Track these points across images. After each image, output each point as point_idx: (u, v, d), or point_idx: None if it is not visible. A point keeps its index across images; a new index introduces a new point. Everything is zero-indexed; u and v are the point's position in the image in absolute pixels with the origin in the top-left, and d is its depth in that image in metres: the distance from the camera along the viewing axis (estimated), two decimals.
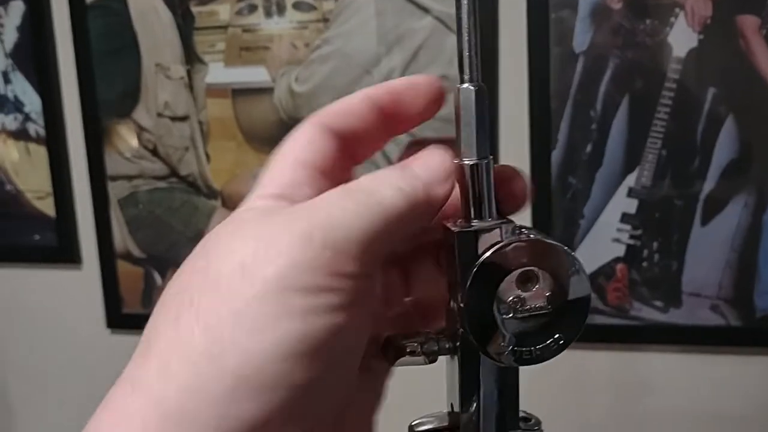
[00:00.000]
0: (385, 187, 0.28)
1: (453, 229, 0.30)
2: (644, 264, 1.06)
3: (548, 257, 0.30)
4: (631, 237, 1.06)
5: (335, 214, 0.26)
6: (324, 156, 0.30)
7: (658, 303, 1.06)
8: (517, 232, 0.31)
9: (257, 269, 0.25)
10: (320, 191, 0.28)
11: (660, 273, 1.06)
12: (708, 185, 1.03)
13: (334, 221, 0.26)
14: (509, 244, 0.30)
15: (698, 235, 1.04)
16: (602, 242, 1.07)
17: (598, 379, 1.12)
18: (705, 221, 1.04)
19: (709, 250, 1.04)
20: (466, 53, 0.30)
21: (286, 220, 0.26)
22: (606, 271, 1.07)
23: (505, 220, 0.31)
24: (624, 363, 1.11)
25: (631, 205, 1.05)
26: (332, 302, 0.25)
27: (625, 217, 1.06)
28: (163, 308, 0.26)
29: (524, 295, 0.30)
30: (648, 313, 1.07)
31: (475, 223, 0.30)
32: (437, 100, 0.32)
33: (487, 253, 0.29)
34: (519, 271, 0.30)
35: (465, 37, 0.30)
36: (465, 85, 0.30)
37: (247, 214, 0.28)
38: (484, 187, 0.30)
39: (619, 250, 1.06)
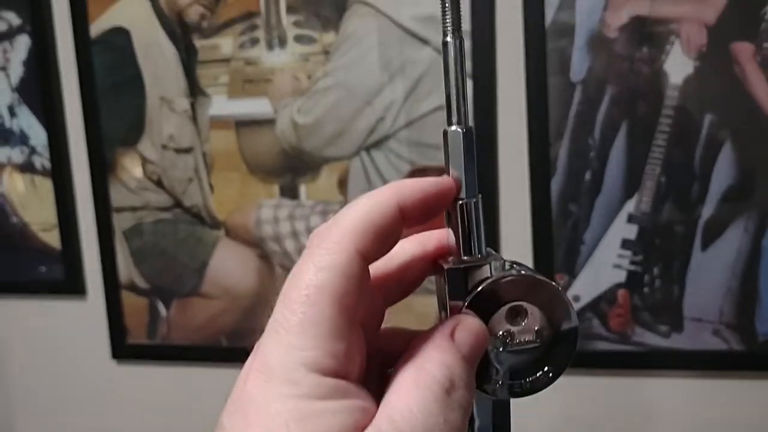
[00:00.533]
0: (464, 410, 0.28)
1: (443, 265, 0.31)
2: (646, 290, 1.06)
3: (536, 292, 0.31)
4: (632, 263, 1.06)
5: None
6: (366, 300, 0.29)
7: (661, 328, 1.07)
8: (506, 267, 0.32)
9: None
10: (360, 354, 0.28)
11: (662, 298, 1.06)
12: (707, 210, 1.03)
13: None
14: (498, 279, 0.30)
15: (699, 260, 1.04)
16: (603, 268, 1.07)
17: (600, 405, 1.12)
18: (705, 246, 1.04)
19: (709, 275, 1.04)
20: (453, 97, 0.31)
21: None
22: (608, 297, 1.07)
23: (494, 256, 0.31)
24: (627, 389, 1.10)
25: (631, 231, 1.06)
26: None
27: (625, 243, 1.06)
28: None
29: (514, 329, 0.31)
30: (650, 339, 1.07)
31: (465, 260, 0.31)
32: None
33: (477, 289, 0.30)
34: (508, 306, 0.31)
35: (452, 82, 0.31)
36: (453, 128, 0.31)
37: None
38: (473, 224, 0.31)
39: (621, 276, 1.07)
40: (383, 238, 0.29)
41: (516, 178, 1.08)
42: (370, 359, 0.30)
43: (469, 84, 1.06)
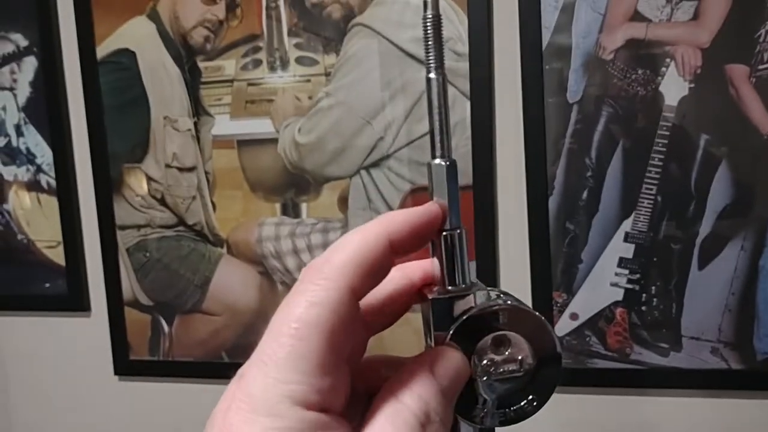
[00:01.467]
0: None
1: (428, 296, 0.32)
2: (644, 308, 1.07)
3: (520, 321, 0.32)
4: (630, 281, 1.07)
5: None
6: (355, 337, 0.30)
7: (659, 346, 1.07)
8: (491, 297, 0.32)
9: None
10: (345, 388, 0.28)
11: (660, 317, 1.07)
12: (704, 229, 1.04)
13: None
14: (482, 309, 0.31)
15: (696, 278, 1.05)
16: (601, 286, 1.08)
17: (599, 424, 1.12)
18: (702, 265, 1.05)
19: (707, 293, 1.05)
20: (437, 131, 0.32)
21: None
22: (606, 315, 1.08)
23: (478, 286, 0.32)
24: (625, 407, 1.11)
25: (629, 250, 1.07)
26: None
27: (622, 262, 1.07)
28: None
29: (498, 358, 0.31)
30: (649, 357, 1.08)
31: (450, 290, 0.32)
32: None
33: (461, 319, 0.31)
34: (492, 335, 0.31)
35: (435, 117, 0.32)
36: (437, 161, 0.32)
37: None
38: (457, 255, 0.32)
39: (618, 294, 1.08)
40: (374, 274, 0.29)
41: (514, 197, 1.09)
42: (354, 387, 0.30)
43: (467, 105, 1.08)
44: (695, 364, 1.06)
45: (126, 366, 1.29)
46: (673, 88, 1.03)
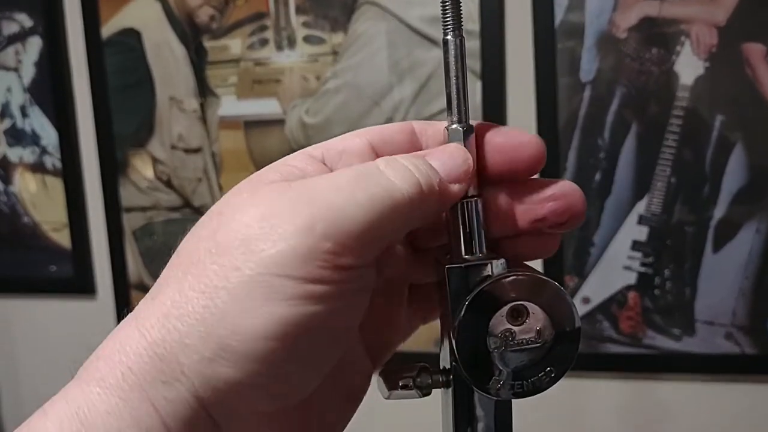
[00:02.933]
0: (401, 179, 0.28)
1: (444, 264, 0.31)
2: (656, 292, 1.06)
3: (538, 291, 0.30)
4: (643, 264, 1.06)
5: (342, 205, 0.27)
6: (390, 142, 0.31)
7: (672, 331, 1.06)
8: (508, 267, 0.31)
9: (257, 248, 0.26)
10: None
11: (673, 301, 1.05)
12: (719, 212, 1.02)
13: (340, 214, 0.26)
14: (500, 279, 0.30)
15: (710, 262, 1.04)
16: (614, 270, 1.06)
17: (611, 409, 1.11)
18: (717, 248, 1.03)
19: (721, 277, 1.03)
20: (454, 95, 0.31)
21: (295, 201, 0.27)
22: (618, 299, 1.07)
23: (495, 256, 0.31)
24: (638, 392, 1.10)
25: (642, 233, 1.05)
26: (322, 292, 0.26)
27: (636, 245, 1.05)
28: (177, 259, 0.29)
29: (515, 329, 0.30)
30: (662, 342, 1.06)
31: (467, 258, 0.31)
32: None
33: (478, 289, 0.30)
34: (509, 305, 0.30)
35: (453, 80, 0.31)
36: (454, 126, 0.31)
37: (271, 175, 0.29)
38: (474, 223, 0.31)
39: (631, 278, 1.06)
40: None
41: None
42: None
43: (479, 85, 1.06)
44: (708, 349, 1.05)
45: None
46: (688, 67, 1.01)
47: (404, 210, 0.28)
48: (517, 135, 0.31)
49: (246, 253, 0.26)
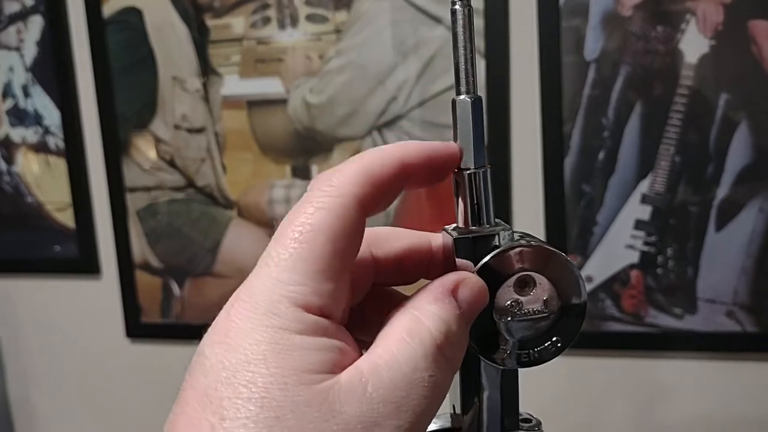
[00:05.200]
0: (458, 361, 0.28)
1: (452, 234, 0.31)
2: (659, 271, 1.06)
3: (545, 262, 0.31)
4: (645, 243, 1.06)
5: (422, 414, 0.26)
6: (357, 248, 0.29)
7: (674, 310, 1.06)
8: (515, 238, 0.31)
9: None
10: (346, 299, 0.28)
11: (675, 279, 1.06)
12: (722, 191, 1.02)
13: (424, 420, 0.26)
14: (507, 249, 0.30)
15: (713, 241, 1.04)
16: (616, 249, 1.07)
17: (613, 387, 1.11)
18: (720, 227, 1.03)
19: (724, 256, 1.04)
20: (462, 66, 0.31)
21: (390, 414, 0.26)
22: (621, 278, 1.07)
23: (502, 226, 0.31)
24: (640, 370, 1.10)
25: (645, 212, 1.05)
26: None
27: (638, 224, 1.06)
28: None
29: (522, 299, 0.30)
30: (664, 320, 1.07)
31: (474, 229, 0.31)
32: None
33: (485, 259, 0.30)
34: (516, 275, 0.30)
35: (461, 51, 0.31)
36: (462, 97, 0.31)
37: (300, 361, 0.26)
38: (482, 194, 0.31)
39: (634, 257, 1.06)
40: (383, 190, 0.29)
41: (529, 158, 1.08)
42: (364, 310, 0.31)
43: (483, 63, 1.05)
44: (710, 327, 1.05)
45: (137, 329, 1.29)
46: (693, 45, 1.00)
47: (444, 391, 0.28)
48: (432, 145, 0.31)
49: None
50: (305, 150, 1.16)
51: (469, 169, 0.31)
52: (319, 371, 0.26)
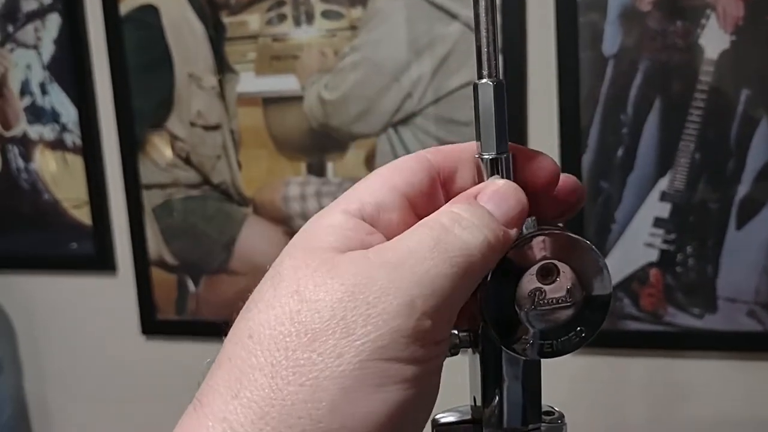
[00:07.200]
0: (473, 239, 0.27)
1: None
2: (678, 269, 1.05)
3: (569, 251, 0.30)
4: (665, 241, 1.04)
5: (432, 279, 0.26)
6: (419, 188, 0.29)
7: (694, 309, 1.05)
8: (538, 225, 0.31)
9: (358, 331, 0.25)
10: (405, 220, 0.28)
11: (695, 278, 1.04)
12: (743, 188, 1.01)
13: (432, 288, 0.26)
14: (531, 237, 0.30)
15: (733, 239, 1.02)
16: (635, 247, 1.05)
17: (633, 386, 1.10)
18: (740, 225, 1.02)
19: (744, 254, 1.02)
20: (484, 49, 0.30)
21: (384, 276, 0.26)
22: (639, 276, 1.06)
23: None
24: (659, 369, 1.09)
25: (664, 209, 1.04)
26: (424, 370, 0.26)
27: (658, 222, 1.04)
28: (253, 344, 0.26)
29: (545, 287, 0.30)
30: (683, 319, 1.05)
31: None
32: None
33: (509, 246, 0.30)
34: (540, 264, 0.30)
35: (483, 33, 0.30)
36: (483, 81, 0.31)
37: (323, 239, 0.28)
38: None
39: (653, 255, 1.05)
40: (452, 157, 0.31)
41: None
42: None
43: (500, 59, 1.05)
44: (731, 326, 1.04)
45: (153, 325, 1.29)
46: (713, 41, 0.99)
47: (479, 270, 0.28)
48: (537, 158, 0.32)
49: (346, 337, 0.25)
50: (320, 147, 1.16)
51: (490, 155, 0.30)
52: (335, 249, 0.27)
